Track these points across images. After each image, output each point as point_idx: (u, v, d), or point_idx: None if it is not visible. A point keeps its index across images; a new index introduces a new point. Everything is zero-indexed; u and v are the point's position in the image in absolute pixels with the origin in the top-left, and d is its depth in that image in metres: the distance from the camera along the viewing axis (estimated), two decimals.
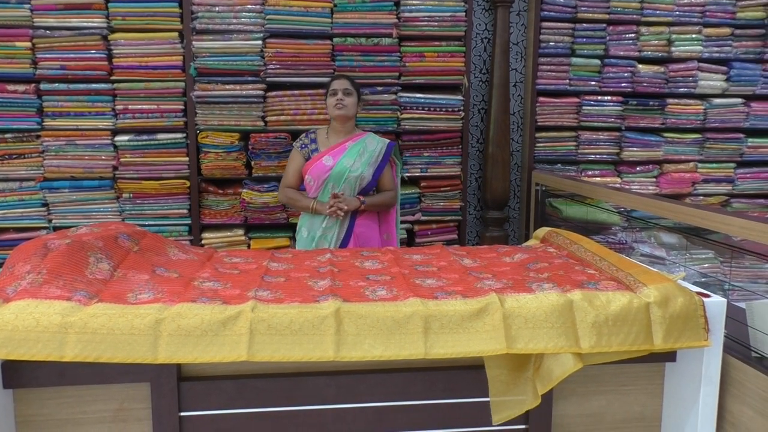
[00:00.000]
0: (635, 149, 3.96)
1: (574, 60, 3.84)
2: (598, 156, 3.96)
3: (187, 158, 3.43)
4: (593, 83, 3.89)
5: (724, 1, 3.89)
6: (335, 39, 3.46)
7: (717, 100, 3.97)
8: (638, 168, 3.99)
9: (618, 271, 1.72)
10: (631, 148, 3.95)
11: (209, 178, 3.51)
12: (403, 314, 1.46)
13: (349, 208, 2.66)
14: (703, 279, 3.50)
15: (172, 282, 1.68)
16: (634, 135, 3.94)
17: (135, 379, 1.51)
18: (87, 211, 3.42)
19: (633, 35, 3.87)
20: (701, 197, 4.07)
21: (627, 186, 3.96)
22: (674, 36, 3.89)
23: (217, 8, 3.35)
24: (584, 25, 3.82)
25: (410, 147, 3.63)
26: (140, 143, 3.38)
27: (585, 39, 3.84)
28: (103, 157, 3.38)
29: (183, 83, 3.38)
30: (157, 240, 2.02)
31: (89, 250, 1.68)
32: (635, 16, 3.85)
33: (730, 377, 1.63)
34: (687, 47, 3.90)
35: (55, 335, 1.37)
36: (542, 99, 3.88)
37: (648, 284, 1.58)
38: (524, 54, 3.98)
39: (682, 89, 3.93)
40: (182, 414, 1.53)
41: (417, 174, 3.66)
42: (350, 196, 2.69)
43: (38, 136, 3.34)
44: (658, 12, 3.86)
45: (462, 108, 3.61)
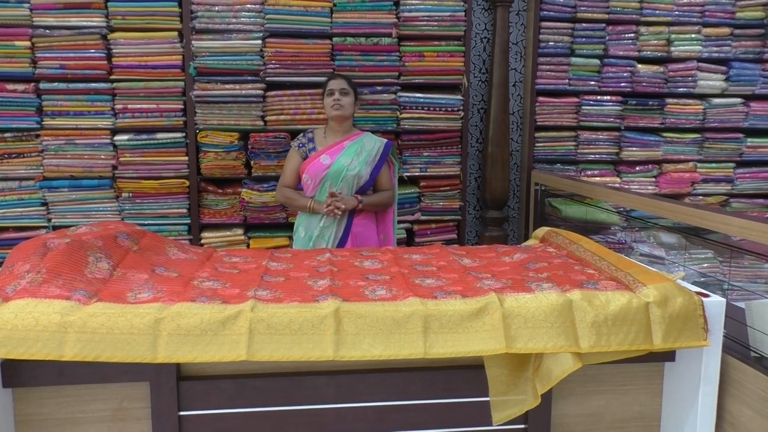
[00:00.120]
0: (634, 149, 3.96)
1: (574, 60, 3.84)
2: (598, 156, 3.96)
3: (187, 158, 3.43)
4: (593, 83, 3.89)
5: (724, 1, 3.89)
6: (335, 38, 3.46)
7: (716, 100, 3.97)
8: (637, 168, 4.00)
9: (617, 271, 1.72)
10: (631, 148, 3.95)
11: (209, 178, 3.51)
12: (403, 314, 1.46)
13: (347, 208, 2.66)
14: (703, 279, 3.50)
15: (172, 281, 1.68)
16: (634, 135, 3.94)
17: (134, 379, 1.50)
18: (86, 211, 3.42)
19: (632, 35, 3.87)
20: (700, 197, 4.07)
21: (626, 186, 3.96)
22: (673, 36, 3.89)
23: (217, 8, 3.34)
24: (584, 25, 3.82)
25: (410, 147, 3.63)
26: (140, 143, 3.38)
27: (584, 39, 3.84)
28: (103, 157, 3.38)
29: (182, 83, 3.38)
30: (157, 239, 2.02)
31: (89, 250, 1.68)
32: (634, 16, 3.85)
33: (729, 377, 1.63)
34: (686, 47, 3.91)
35: (55, 334, 1.37)
36: (542, 99, 3.88)
37: (647, 284, 1.58)
38: (524, 54, 3.98)
39: (682, 89, 3.93)
40: (181, 413, 1.53)
41: (416, 174, 3.66)
42: (347, 196, 2.69)
43: (38, 136, 3.34)
44: (658, 12, 3.86)
45: (461, 108, 3.61)
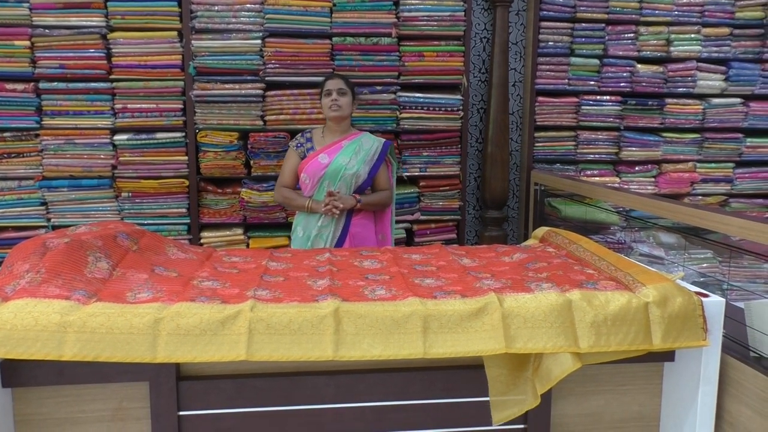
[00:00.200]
0: (634, 149, 3.96)
1: (573, 60, 3.84)
2: (597, 156, 3.96)
3: (186, 157, 3.43)
4: (592, 83, 3.89)
5: (723, 1, 3.89)
6: (334, 38, 3.46)
7: (716, 100, 3.97)
8: (637, 168, 4.00)
9: (617, 271, 1.72)
10: (630, 148, 3.95)
11: (208, 177, 3.51)
12: (402, 314, 1.46)
13: (345, 207, 2.65)
14: (702, 279, 3.50)
15: (171, 281, 1.68)
16: (633, 135, 3.94)
17: (134, 379, 1.50)
18: (86, 210, 3.42)
19: (632, 35, 3.87)
20: (700, 197, 4.07)
21: (626, 186, 3.96)
22: (673, 36, 3.89)
23: (217, 7, 3.34)
24: (583, 25, 3.82)
25: (409, 146, 3.63)
26: (139, 142, 3.37)
27: (584, 39, 3.84)
28: (102, 156, 3.38)
29: (182, 82, 3.38)
30: (156, 239, 2.02)
31: (88, 249, 1.68)
32: (634, 16, 3.85)
33: (729, 377, 1.63)
34: (686, 47, 3.91)
35: (54, 334, 1.37)
36: (541, 99, 3.88)
37: (647, 284, 1.58)
38: (523, 54, 3.98)
39: (681, 89, 3.93)
40: (181, 413, 1.53)
41: (416, 173, 3.65)
42: (346, 195, 2.69)
43: (37, 135, 3.34)
44: (657, 12, 3.86)
45: (461, 107, 3.61)
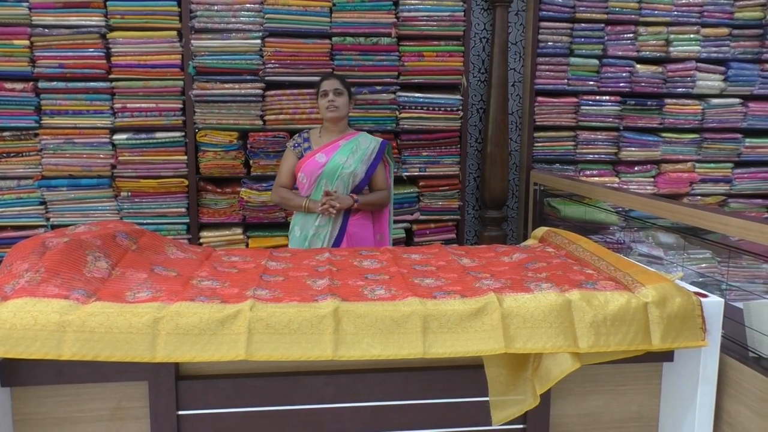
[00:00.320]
0: (633, 149, 3.96)
1: (573, 60, 3.84)
2: (597, 156, 3.97)
3: (186, 157, 3.43)
4: (591, 83, 3.89)
5: (722, 2, 3.89)
6: (334, 38, 3.46)
7: (715, 100, 3.97)
8: (636, 168, 4.00)
9: (616, 271, 1.72)
10: (629, 148, 3.96)
11: (208, 177, 3.51)
12: (402, 314, 1.46)
13: (342, 206, 2.64)
14: (701, 279, 3.50)
15: (171, 281, 1.68)
16: (632, 135, 3.94)
17: (133, 378, 1.50)
18: (85, 210, 3.42)
19: (631, 35, 3.88)
20: (699, 197, 4.07)
21: (625, 186, 3.97)
22: (672, 36, 3.89)
23: (216, 7, 3.34)
24: (582, 25, 3.83)
25: (409, 146, 3.63)
26: (138, 142, 3.37)
27: (583, 39, 3.84)
28: (102, 156, 3.38)
29: (182, 82, 3.38)
30: (156, 239, 2.02)
31: (87, 249, 1.68)
32: (633, 16, 3.85)
33: (728, 377, 1.64)
34: (685, 47, 3.91)
35: (53, 333, 1.37)
36: (541, 99, 3.88)
37: (646, 284, 1.58)
38: (523, 54, 3.98)
39: (680, 89, 3.93)
40: (180, 413, 1.53)
41: (416, 173, 3.66)
42: (343, 195, 2.69)
43: (36, 135, 3.34)
44: (656, 12, 3.87)
45: (461, 107, 3.61)
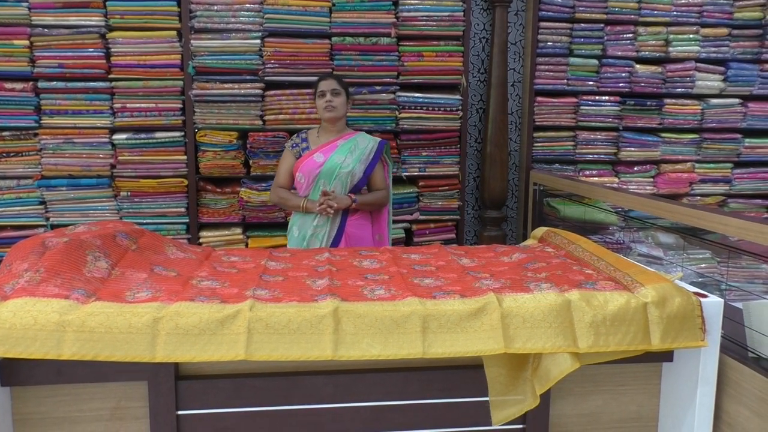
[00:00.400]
0: (633, 149, 3.96)
1: (572, 60, 3.85)
2: (596, 156, 3.97)
3: (185, 157, 3.43)
4: (591, 83, 3.89)
5: (722, 2, 3.90)
6: (334, 38, 3.46)
7: (714, 101, 3.98)
8: (636, 168, 4.00)
9: (616, 271, 1.72)
10: (629, 148, 3.96)
11: (207, 177, 3.51)
12: (402, 314, 1.46)
13: (339, 206, 2.64)
14: (700, 279, 3.50)
15: (170, 281, 1.68)
16: (632, 135, 3.95)
17: (132, 378, 1.50)
18: (85, 210, 3.42)
19: (630, 35, 3.88)
20: (698, 197, 4.07)
21: (624, 186, 3.97)
22: (672, 36, 3.90)
23: (216, 7, 3.34)
24: (582, 25, 3.83)
25: (408, 146, 3.63)
26: (138, 141, 3.37)
27: (583, 39, 3.84)
28: (101, 156, 3.38)
29: (181, 82, 3.38)
30: (155, 238, 2.02)
31: (87, 249, 1.68)
32: (633, 16, 3.85)
33: (727, 377, 1.64)
34: (684, 47, 3.91)
35: (53, 333, 1.37)
36: (540, 99, 3.88)
37: (645, 284, 1.58)
38: (522, 54, 3.98)
39: (680, 89, 3.93)
40: (179, 412, 1.53)
41: (415, 173, 3.66)
42: (341, 194, 2.68)
43: (36, 134, 3.34)
44: (656, 12, 3.87)
45: (460, 107, 3.62)
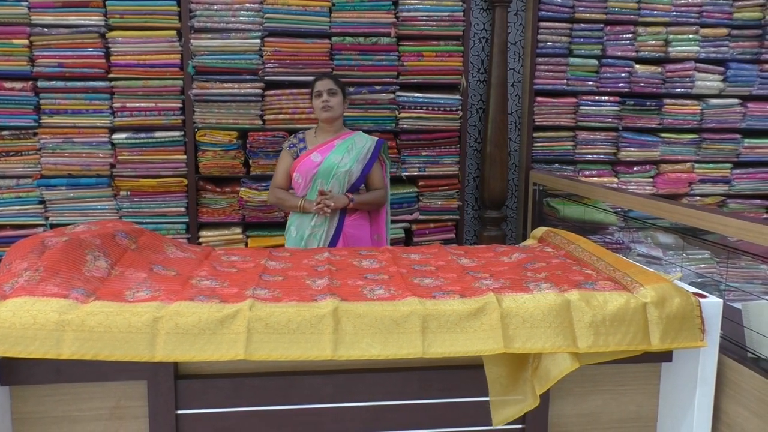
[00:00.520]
0: (632, 149, 3.96)
1: (572, 60, 3.85)
2: (596, 156, 3.97)
3: (185, 156, 3.43)
4: (591, 83, 3.89)
5: (721, 2, 3.90)
6: (333, 38, 3.46)
7: (714, 101, 3.98)
8: (635, 168, 4.00)
9: (615, 271, 1.72)
10: (628, 148, 3.96)
11: (207, 177, 3.51)
12: (401, 313, 1.46)
13: (337, 206, 2.63)
14: (700, 279, 3.50)
15: (170, 280, 1.68)
16: (631, 135, 3.95)
17: (132, 377, 1.50)
18: (84, 209, 3.42)
19: (630, 35, 3.88)
20: (698, 197, 4.08)
21: (624, 186, 3.97)
22: (671, 36, 3.90)
23: (216, 7, 3.34)
24: (582, 25, 3.83)
25: (408, 146, 3.63)
26: (138, 141, 3.37)
27: (582, 39, 3.84)
28: (101, 155, 3.38)
29: (181, 81, 3.38)
30: (155, 238, 2.01)
31: (87, 248, 1.68)
32: (632, 17, 3.85)
33: (726, 378, 1.64)
34: (684, 47, 3.91)
35: (52, 333, 1.37)
36: (540, 99, 3.89)
37: (645, 284, 1.58)
38: (522, 54, 3.98)
39: (679, 89, 3.94)
40: (179, 412, 1.53)
41: (415, 173, 3.66)
42: (339, 194, 2.68)
43: (35, 134, 3.34)
44: (656, 12, 3.87)
45: (460, 107, 3.62)
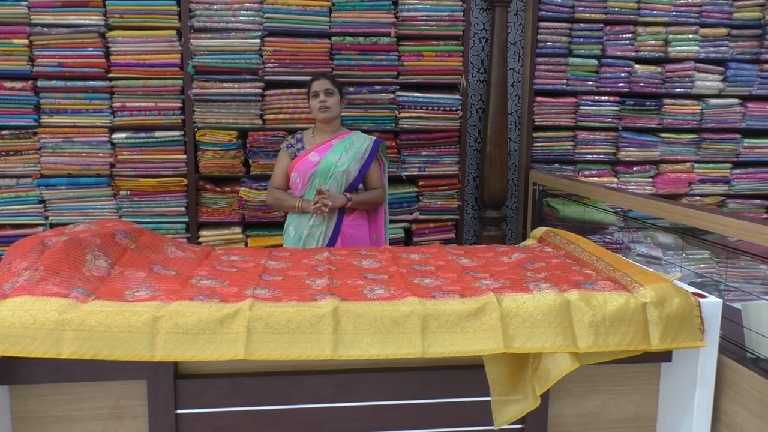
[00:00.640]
0: (632, 149, 3.96)
1: (572, 60, 3.85)
2: (595, 156, 3.97)
3: (185, 156, 3.43)
4: (590, 83, 3.89)
5: (721, 2, 3.90)
6: (333, 38, 3.46)
7: (713, 101, 3.98)
8: (635, 168, 4.00)
9: (615, 271, 1.72)
10: (628, 148, 3.96)
11: (207, 176, 3.51)
12: (401, 313, 1.46)
13: (334, 205, 2.63)
14: (699, 279, 3.50)
15: (170, 280, 1.68)
16: (631, 135, 3.95)
17: (131, 377, 1.51)
18: (84, 209, 3.42)
19: (630, 35, 3.88)
20: (697, 197, 4.08)
21: (624, 186, 3.97)
22: (671, 36, 3.90)
23: (216, 6, 3.34)
24: (581, 25, 3.83)
25: (408, 146, 3.63)
26: (138, 141, 3.37)
27: (582, 39, 3.84)
28: (101, 155, 3.38)
29: (181, 81, 3.38)
30: (155, 238, 2.01)
31: (86, 248, 1.68)
32: (632, 16, 3.86)
33: (725, 378, 1.64)
34: (684, 47, 3.91)
35: (52, 332, 1.37)
36: (540, 99, 3.89)
37: (644, 284, 1.58)
38: (522, 54, 3.98)
39: (679, 89, 3.94)
40: (178, 411, 1.53)
41: (415, 173, 3.66)
42: (336, 193, 2.67)
43: (35, 133, 3.34)
44: (655, 12, 3.87)
45: (460, 107, 3.62)
